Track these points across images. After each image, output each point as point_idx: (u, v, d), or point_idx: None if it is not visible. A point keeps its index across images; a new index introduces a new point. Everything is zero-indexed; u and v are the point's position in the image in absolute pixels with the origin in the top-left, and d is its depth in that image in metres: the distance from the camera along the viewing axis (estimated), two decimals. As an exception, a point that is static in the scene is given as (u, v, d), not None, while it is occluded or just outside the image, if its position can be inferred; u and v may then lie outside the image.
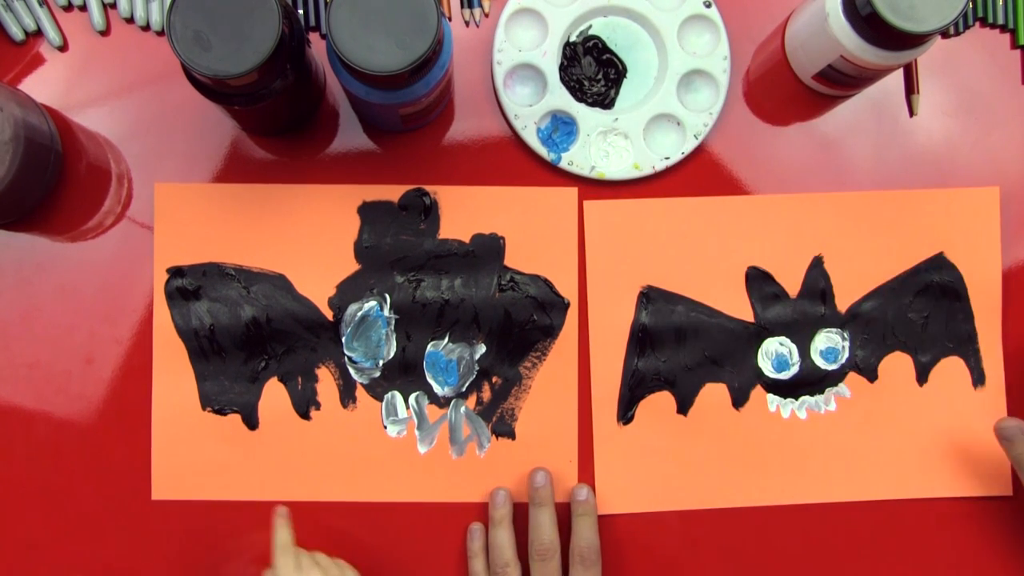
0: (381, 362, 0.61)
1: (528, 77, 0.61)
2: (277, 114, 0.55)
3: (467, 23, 0.62)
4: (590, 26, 0.62)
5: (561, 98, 0.60)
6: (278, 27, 0.47)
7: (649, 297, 0.61)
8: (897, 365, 0.62)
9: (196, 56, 0.47)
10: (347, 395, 0.60)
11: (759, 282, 0.61)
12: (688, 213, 0.61)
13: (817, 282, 0.62)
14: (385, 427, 0.60)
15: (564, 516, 0.60)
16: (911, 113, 0.63)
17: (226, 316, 0.60)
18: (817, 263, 0.62)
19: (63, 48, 0.60)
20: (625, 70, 0.62)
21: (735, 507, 0.61)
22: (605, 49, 0.61)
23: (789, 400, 0.62)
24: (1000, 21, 0.63)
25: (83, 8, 0.60)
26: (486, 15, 0.62)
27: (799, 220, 0.62)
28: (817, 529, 0.61)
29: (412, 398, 0.61)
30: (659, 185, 0.62)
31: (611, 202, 0.61)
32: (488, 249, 0.61)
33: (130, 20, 0.60)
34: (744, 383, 0.61)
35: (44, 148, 0.57)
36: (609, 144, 0.61)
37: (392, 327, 0.61)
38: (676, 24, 0.61)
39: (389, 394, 0.61)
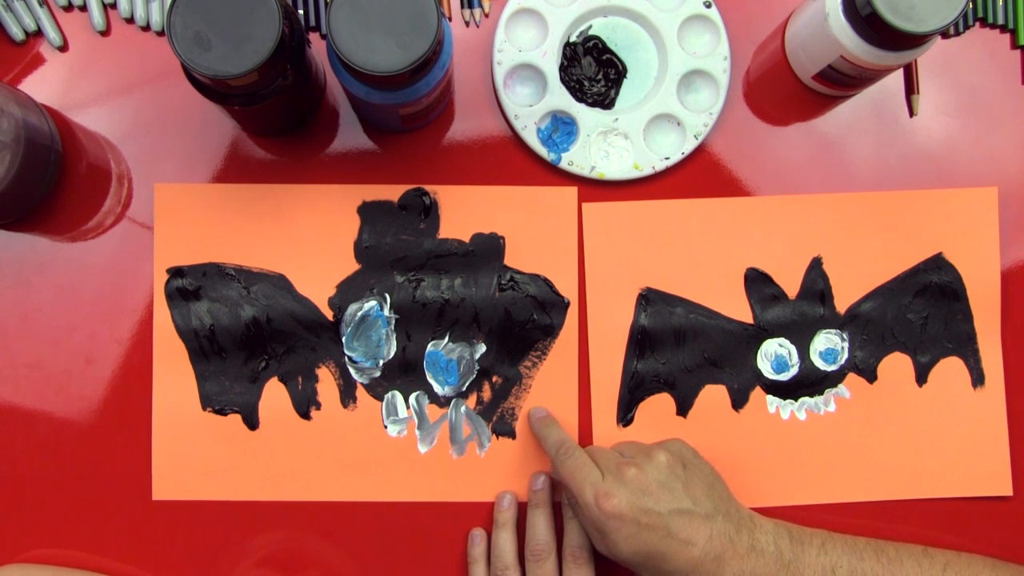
0: (381, 362, 0.61)
1: (528, 77, 0.61)
2: (277, 114, 0.55)
3: (467, 23, 0.62)
4: (590, 26, 0.61)
5: (561, 98, 0.60)
6: (278, 27, 0.47)
7: (648, 299, 0.61)
8: (896, 366, 0.62)
9: (196, 56, 0.47)
10: (347, 395, 0.60)
11: (758, 283, 0.61)
12: (686, 215, 0.61)
13: (816, 283, 0.62)
14: (385, 427, 0.60)
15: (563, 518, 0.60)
16: (911, 113, 0.63)
17: (226, 316, 0.60)
18: (816, 264, 0.62)
19: (63, 48, 0.60)
20: (625, 70, 0.62)
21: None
22: (605, 49, 0.61)
23: (789, 401, 0.62)
24: (1000, 21, 0.63)
25: (83, 8, 0.60)
26: (486, 15, 0.62)
27: (798, 221, 0.62)
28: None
29: (412, 398, 0.61)
30: (659, 185, 0.62)
31: (609, 204, 0.61)
32: (488, 248, 0.61)
33: (130, 20, 0.60)
34: (743, 385, 0.61)
35: (44, 148, 0.57)
36: (609, 144, 0.61)
37: (392, 327, 0.61)
38: (676, 24, 0.61)
39: (389, 394, 0.61)
